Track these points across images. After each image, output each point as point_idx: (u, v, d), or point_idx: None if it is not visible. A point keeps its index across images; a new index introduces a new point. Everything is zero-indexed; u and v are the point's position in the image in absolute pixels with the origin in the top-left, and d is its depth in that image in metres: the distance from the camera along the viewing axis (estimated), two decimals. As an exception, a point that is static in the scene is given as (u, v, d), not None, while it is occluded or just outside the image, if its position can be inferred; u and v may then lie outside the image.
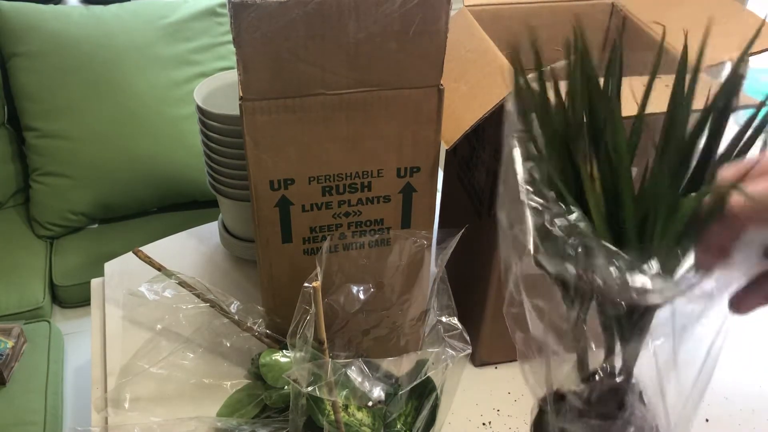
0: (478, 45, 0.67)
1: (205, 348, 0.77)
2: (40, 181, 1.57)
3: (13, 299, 1.44)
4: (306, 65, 0.54)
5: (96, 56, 1.54)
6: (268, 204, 0.62)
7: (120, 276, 0.89)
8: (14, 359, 1.27)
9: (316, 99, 0.56)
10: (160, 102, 1.58)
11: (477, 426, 0.71)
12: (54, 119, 1.54)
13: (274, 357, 0.67)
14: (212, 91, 0.82)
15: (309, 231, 0.65)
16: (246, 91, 0.55)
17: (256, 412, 0.68)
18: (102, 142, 1.55)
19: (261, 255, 0.66)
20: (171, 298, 0.76)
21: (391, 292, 0.68)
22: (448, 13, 0.54)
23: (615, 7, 0.78)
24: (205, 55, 1.65)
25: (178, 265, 0.78)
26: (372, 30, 0.53)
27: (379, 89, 0.57)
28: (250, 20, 0.51)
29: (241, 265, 0.90)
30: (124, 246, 0.94)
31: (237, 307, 0.74)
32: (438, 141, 0.61)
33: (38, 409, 1.21)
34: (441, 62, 0.56)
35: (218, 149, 0.79)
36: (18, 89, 1.56)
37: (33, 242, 1.59)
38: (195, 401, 0.72)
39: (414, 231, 0.66)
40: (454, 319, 0.61)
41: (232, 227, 0.89)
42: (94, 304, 0.86)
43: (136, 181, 1.58)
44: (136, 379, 0.74)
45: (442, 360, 0.59)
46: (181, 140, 1.59)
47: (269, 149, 0.58)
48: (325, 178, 0.61)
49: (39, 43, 1.53)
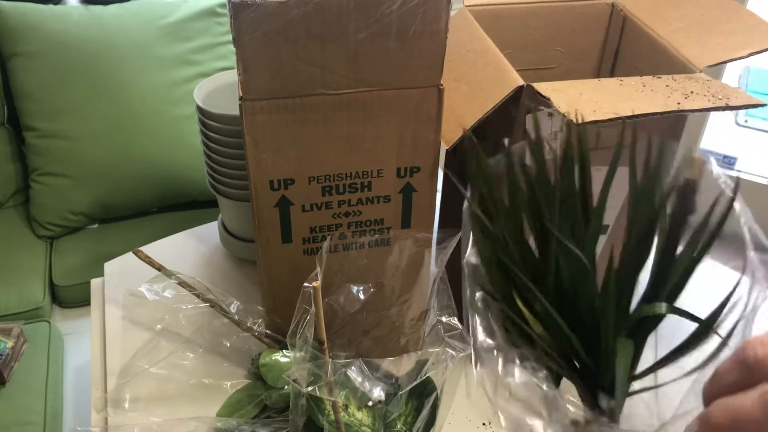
0: (478, 45, 0.67)
1: (205, 348, 0.77)
2: (40, 181, 1.57)
3: (12, 299, 1.44)
4: (306, 65, 0.54)
5: (96, 56, 1.54)
6: (268, 204, 0.62)
7: (120, 276, 0.88)
8: (14, 359, 1.27)
9: (316, 99, 0.56)
10: (160, 102, 1.58)
11: (477, 426, 0.71)
12: (54, 119, 1.54)
13: (274, 357, 0.67)
14: (212, 91, 0.82)
15: (309, 231, 0.65)
16: (246, 91, 0.55)
17: (256, 413, 0.68)
18: (102, 142, 1.55)
19: (261, 255, 0.66)
20: (171, 298, 0.76)
21: (391, 292, 0.68)
22: (448, 13, 0.54)
23: (615, 7, 0.78)
24: (205, 55, 1.65)
25: (178, 265, 0.78)
26: (372, 30, 0.53)
27: (379, 89, 0.57)
28: (250, 20, 0.51)
29: (241, 265, 0.90)
30: (124, 246, 0.94)
31: (237, 307, 0.74)
32: (438, 141, 0.61)
33: (38, 409, 1.21)
34: (441, 62, 0.56)
35: (218, 149, 0.79)
36: (18, 89, 1.56)
37: (33, 242, 1.58)
38: (195, 401, 0.72)
39: (414, 231, 0.66)
40: (454, 319, 0.61)
41: (232, 227, 0.89)
42: (94, 304, 0.86)
43: (136, 181, 1.58)
44: (136, 380, 0.74)
45: (442, 360, 0.59)
46: (181, 140, 1.59)
47: (269, 149, 0.58)
48: (325, 178, 0.61)
49: (39, 43, 1.53)
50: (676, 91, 0.58)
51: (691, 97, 0.57)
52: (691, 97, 0.57)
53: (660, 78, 0.61)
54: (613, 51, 0.80)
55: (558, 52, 0.79)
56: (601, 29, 0.79)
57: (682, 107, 0.55)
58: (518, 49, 0.77)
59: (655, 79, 0.61)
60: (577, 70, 0.81)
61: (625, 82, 0.60)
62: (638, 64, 0.76)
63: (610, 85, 0.60)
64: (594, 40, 0.80)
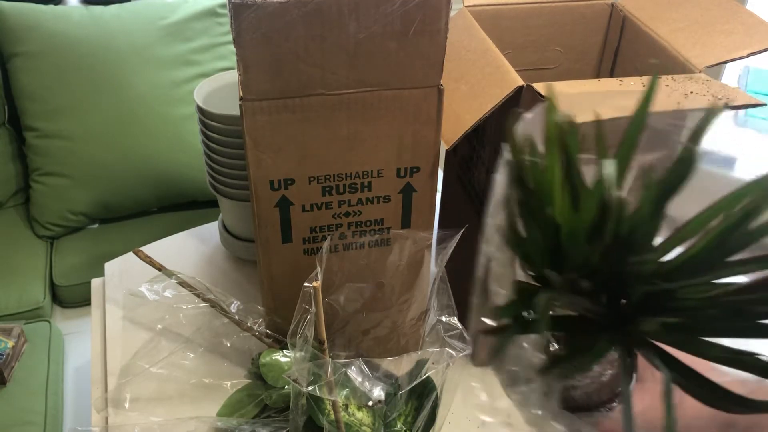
0: (478, 45, 0.67)
1: (206, 348, 0.77)
2: (41, 181, 1.57)
3: (13, 299, 1.44)
4: (306, 65, 0.54)
5: (96, 56, 1.54)
6: (268, 204, 0.62)
7: (120, 276, 0.89)
8: (14, 359, 1.27)
9: (316, 99, 0.56)
10: (160, 102, 1.58)
11: (477, 426, 0.71)
12: (54, 119, 1.54)
13: (275, 357, 0.67)
14: (212, 92, 0.82)
15: (309, 231, 0.65)
16: (246, 91, 0.55)
17: (256, 412, 0.68)
18: (102, 142, 1.55)
19: (261, 255, 0.66)
20: (171, 298, 0.76)
21: (391, 292, 0.68)
22: (448, 13, 0.54)
23: (615, 7, 0.78)
24: (205, 56, 1.65)
25: (178, 265, 0.78)
26: (372, 30, 0.53)
27: (379, 89, 0.57)
28: (250, 20, 0.51)
29: (241, 265, 0.90)
30: (124, 246, 0.94)
31: (237, 307, 0.74)
32: (438, 141, 0.61)
33: (38, 409, 1.21)
34: (441, 62, 0.56)
35: (218, 149, 0.79)
36: (18, 89, 1.56)
37: (33, 242, 1.58)
38: (195, 401, 0.72)
39: (414, 231, 0.66)
40: (454, 319, 0.61)
41: (232, 227, 0.89)
42: (95, 304, 0.86)
43: (136, 181, 1.58)
44: (137, 379, 0.74)
45: (442, 360, 0.59)
46: (181, 140, 1.59)
47: (269, 149, 0.58)
48: (325, 178, 0.61)
49: (39, 44, 1.53)
50: (675, 91, 0.58)
51: (690, 97, 0.57)
52: (691, 97, 0.57)
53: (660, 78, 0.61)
54: (613, 51, 0.80)
55: (558, 52, 0.79)
56: (601, 29, 0.80)
57: (681, 107, 0.55)
58: (518, 49, 0.77)
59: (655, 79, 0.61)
60: (577, 71, 0.81)
61: (624, 82, 0.60)
62: (638, 64, 0.76)
63: (610, 85, 0.60)
64: (594, 40, 0.80)
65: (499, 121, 0.63)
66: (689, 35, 0.69)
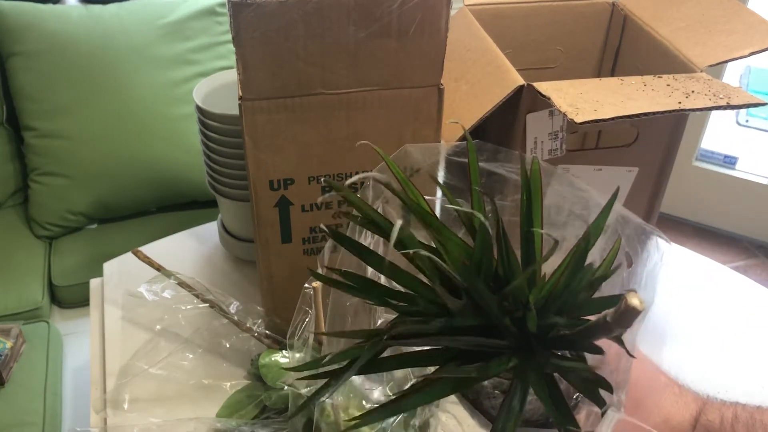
0: (478, 45, 0.67)
1: (205, 349, 0.77)
2: (39, 181, 1.57)
3: (11, 299, 1.44)
4: (306, 65, 0.54)
5: (95, 56, 1.54)
6: (267, 204, 0.62)
7: (119, 276, 0.88)
8: (13, 360, 1.27)
9: (316, 99, 0.56)
10: (159, 102, 1.58)
11: (476, 426, 0.70)
12: (53, 119, 1.54)
13: (274, 357, 0.67)
14: (212, 91, 0.82)
15: (309, 231, 0.64)
16: (246, 91, 0.55)
17: (255, 413, 0.68)
18: (101, 141, 1.55)
19: (261, 255, 0.65)
20: (170, 299, 0.76)
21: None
22: (448, 12, 0.54)
23: (615, 6, 0.78)
24: (205, 55, 1.64)
25: (177, 265, 0.78)
26: (372, 30, 0.53)
27: (379, 89, 0.56)
28: (249, 20, 0.51)
29: (240, 266, 0.90)
30: (123, 246, 0.93)
31: (236, 307, 0.74)
32: (438, 140, 0.61)
33: (37, 409, 1.21)
34: (441, 62, 0.56)
35: (218, 149, 0.79)
36: (17, 89, 1.55)
37: (32, 242, 1.58)
38: (194, 402, 0.72)
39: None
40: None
41: (232, 227, 0.89)
42: (93, 304, 0.86)
43: (136, 181, 1.58)
44: (135, 380, 0.74)
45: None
46: (181, 140, 1.59)
47: (269, 149, 0.58)
48: (325, 178, 0.61)
49: (38, 43, 1.52)
50: (677, 90, 0.58)
51: (692, 96, 0.57)
52: (692, 97, 0.57)
53: (661, 77, 0.61)
54: (614, 50, 0.80)
55: (558, 51, 0.79)
56: (602, 29, 0.79)
57: (683, 106, 0.55)
58: (518, 49, 0.77)
59: (656, 78, 0.61)
60: (578, 70, 0.81)
61: (625, 81, 0.60)
62: (639, 63, 0.76)
63: (611, 84, 0.60)
64: (594, 39, 0.80)
65: (500, 120, 0.62)
66: (690, 34, 0.68)
